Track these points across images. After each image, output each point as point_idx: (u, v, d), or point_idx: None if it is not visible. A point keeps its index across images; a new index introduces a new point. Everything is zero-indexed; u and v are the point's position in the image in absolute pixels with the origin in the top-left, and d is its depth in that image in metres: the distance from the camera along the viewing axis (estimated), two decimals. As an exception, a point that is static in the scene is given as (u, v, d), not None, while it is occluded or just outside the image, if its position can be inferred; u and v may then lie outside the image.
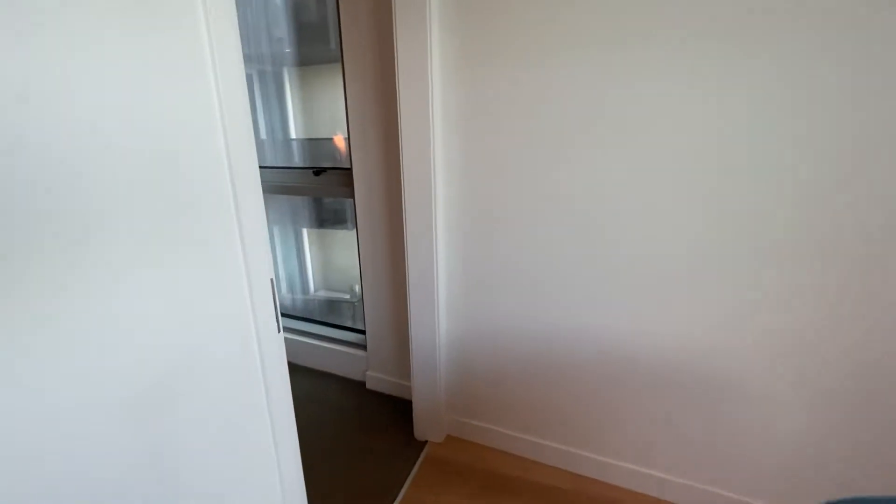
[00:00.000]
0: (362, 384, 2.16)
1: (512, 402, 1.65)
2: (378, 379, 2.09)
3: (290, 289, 2.58)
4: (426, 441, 1.77)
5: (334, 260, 2.57)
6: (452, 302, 1.62)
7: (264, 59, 2.20)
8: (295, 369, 2.32)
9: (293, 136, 2.29)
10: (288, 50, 2.15)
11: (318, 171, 2.14)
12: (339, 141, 2.21)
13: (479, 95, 1.37)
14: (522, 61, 1.29)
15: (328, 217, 2.49)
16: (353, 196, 1.92)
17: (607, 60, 1.20)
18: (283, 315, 2.54)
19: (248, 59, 2.19)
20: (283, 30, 2.12)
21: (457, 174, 1.48)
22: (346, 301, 2.54)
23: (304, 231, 2.52)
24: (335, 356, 2.23)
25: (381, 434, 1.84)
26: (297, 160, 2.33)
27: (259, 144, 2.30)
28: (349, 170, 1.90)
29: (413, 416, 1.80)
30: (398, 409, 1.98)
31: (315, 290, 2.59)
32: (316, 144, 2.28)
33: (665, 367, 1.39)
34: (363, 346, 2.15)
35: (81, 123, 0.46)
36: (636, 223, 1.30)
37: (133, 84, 0.51)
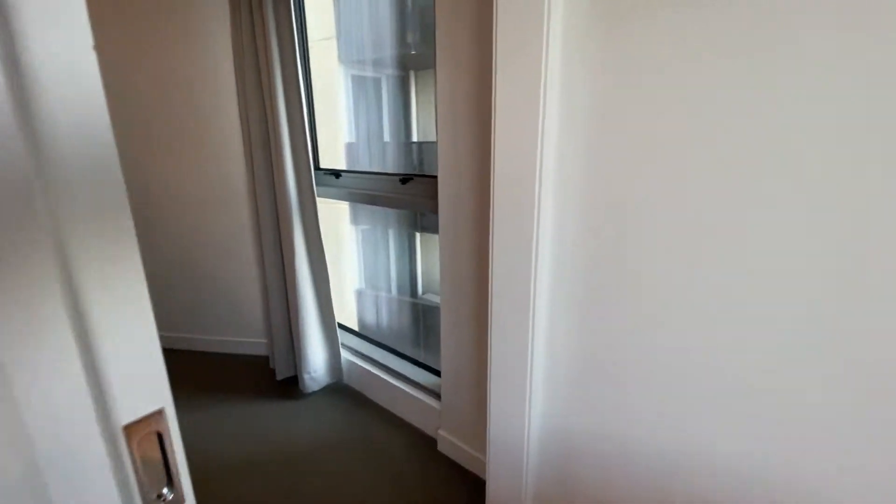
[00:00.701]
0: (433, 443, 1.75)
1: (633, 545, 1.08)
2: (451, 443, 1.66)
3: (400, 291, 2.41)
4: (500, 557, 1.29)
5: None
6: (555, 382, 1.11)
7: (392, 64, 2.10)
8: (366, 405, 2.01)
9: (414, 139, 2.16)
10: (413, 52, 2.04)
11: (405, 179, 1.79)
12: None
13: (631, 70, 0.85)
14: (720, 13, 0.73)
15: (431, 224, 2.29)
16: (436, 210, 1.52)
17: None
18: (360, 335, 2.32)
19: (376, 63, 2.12)
20: (413, 34, 2.01)
21: (578, 199, 0.97)
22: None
23: (417, 235, 2.37)
24: (407, 401, 1.86)
25: (443, 524, 1.41)
26: (414, 164, 2.12)
27: (382, 148, 2.15)
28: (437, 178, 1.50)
29: (485, 517, 1.32)
30: (471, 490, 1.53)
31: (423, 293, 2.38)
32: (430, 147, 2.04)
33: None
34: (438, 395, 1.75)
35: None
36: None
37: None
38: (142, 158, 2.31)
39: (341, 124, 2.28)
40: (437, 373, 1.87)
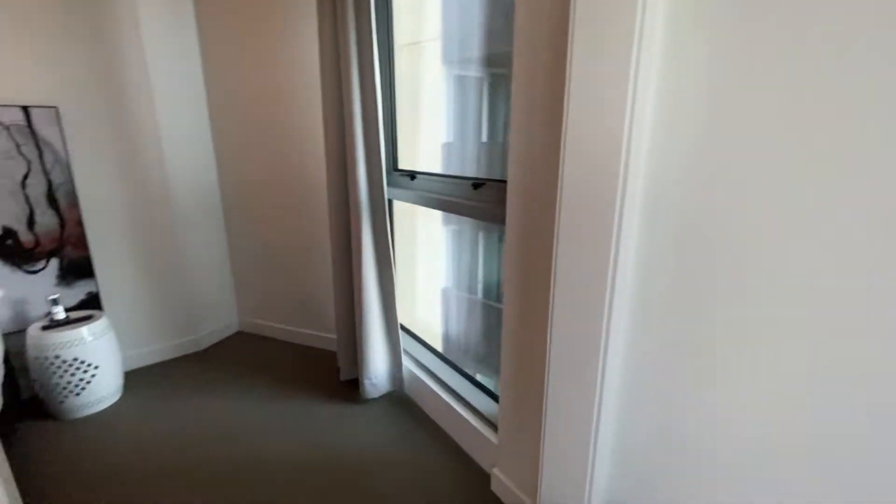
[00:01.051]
0: (486, 480, 1.56)
1: None
2: (505, 487, 1.46)
3: (482, 295, 2.28)
4: None
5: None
6: (627, 463, 0.86)
7: (495, 63, 1.99)
8: (423, 422, 1.90)
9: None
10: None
11: (478, 184, 1.63)
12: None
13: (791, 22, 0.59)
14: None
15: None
16: (503, 220, 1.33)
17: None
18: (423, 343, 2.19)
19: (478, 62, 2.01)
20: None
21: (682, 212, 0.72)
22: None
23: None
24: (464, 427, 1.70)
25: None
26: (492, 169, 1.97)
27: (478, 148, 2.06)
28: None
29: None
30: (522, 548, 1.31)
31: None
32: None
33: None
34: (496, 427, 1.55)
35: None
36: None
37: None
38: (237, 154, 2.46)
39: (439, 124, 2.20)
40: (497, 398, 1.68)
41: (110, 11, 2.00)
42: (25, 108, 1.86)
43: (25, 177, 1.91)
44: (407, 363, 2.07)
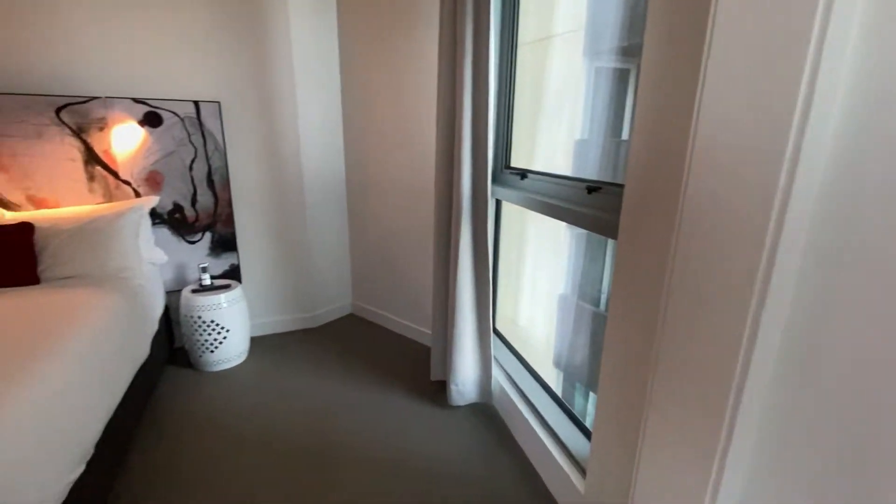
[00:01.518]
0: (567, 529, 1.36)
1: None
2: (586, 546, 1.24)
3: (597, 305, 2.07)
4: None
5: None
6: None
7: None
8: (508, 444, 1.75)
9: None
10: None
11: (593, 188, 1.41)
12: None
13: None
14: None
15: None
16: (615, 234, 1.10)
17: None
18: (517, 355, 2.01)
19: (627, 51, 1.81)
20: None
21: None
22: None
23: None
24: (548, 462, 1.51)
25: None
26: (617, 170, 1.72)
27: (616, 146, 1.87)
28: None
29: None
30: None
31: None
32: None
33: None
34: (583, 471, 1.33)
35: None
36: None
37: None
38: (363, 151, 2.58)
39: (573, 120, 2.00)
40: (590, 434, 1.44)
41: (266, 21, 2.23)
42: (196, 103, 2.19)
43: (193, 161, 2.25)
44: (498, 375, 1.94)
